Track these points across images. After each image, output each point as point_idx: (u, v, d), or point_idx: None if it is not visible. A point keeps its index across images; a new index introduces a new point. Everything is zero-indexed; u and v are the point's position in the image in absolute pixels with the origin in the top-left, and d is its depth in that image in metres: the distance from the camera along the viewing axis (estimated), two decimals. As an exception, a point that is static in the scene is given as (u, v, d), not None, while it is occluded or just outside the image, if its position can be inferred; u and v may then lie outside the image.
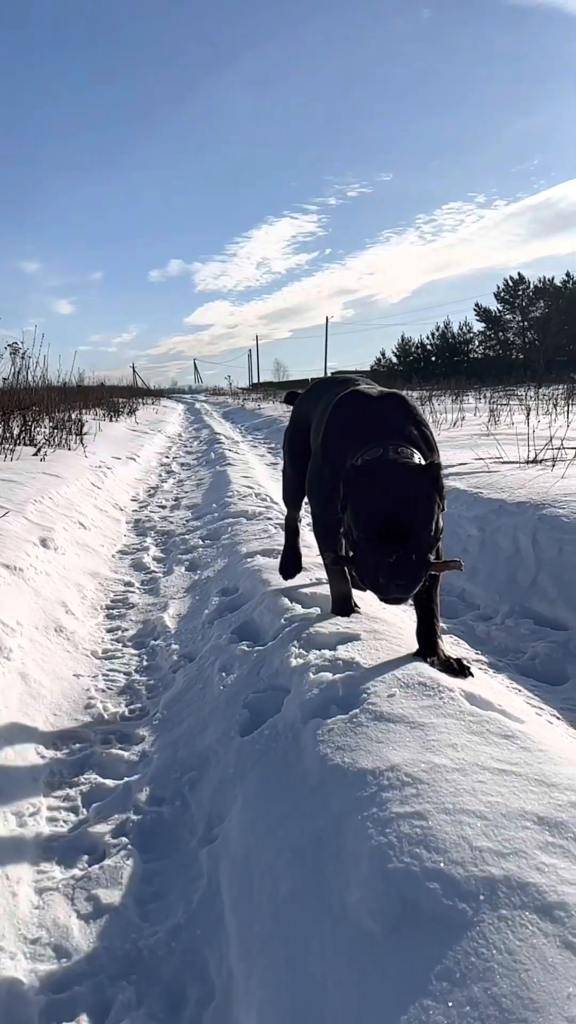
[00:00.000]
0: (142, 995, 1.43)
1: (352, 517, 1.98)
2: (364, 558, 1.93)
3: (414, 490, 1.93)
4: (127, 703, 2.85)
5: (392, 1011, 1.11)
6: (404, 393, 2.37)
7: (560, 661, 2.87)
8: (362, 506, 1.95)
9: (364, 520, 1.94)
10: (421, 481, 1.95)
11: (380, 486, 1.95)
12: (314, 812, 1.64)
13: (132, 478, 8.81)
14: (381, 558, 1.88)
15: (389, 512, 1.91)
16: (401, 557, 1.87)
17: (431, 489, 1.96)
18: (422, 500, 1.93)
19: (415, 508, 1.92)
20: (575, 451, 6.02)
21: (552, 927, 1.18)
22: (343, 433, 2.30)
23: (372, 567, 1.91)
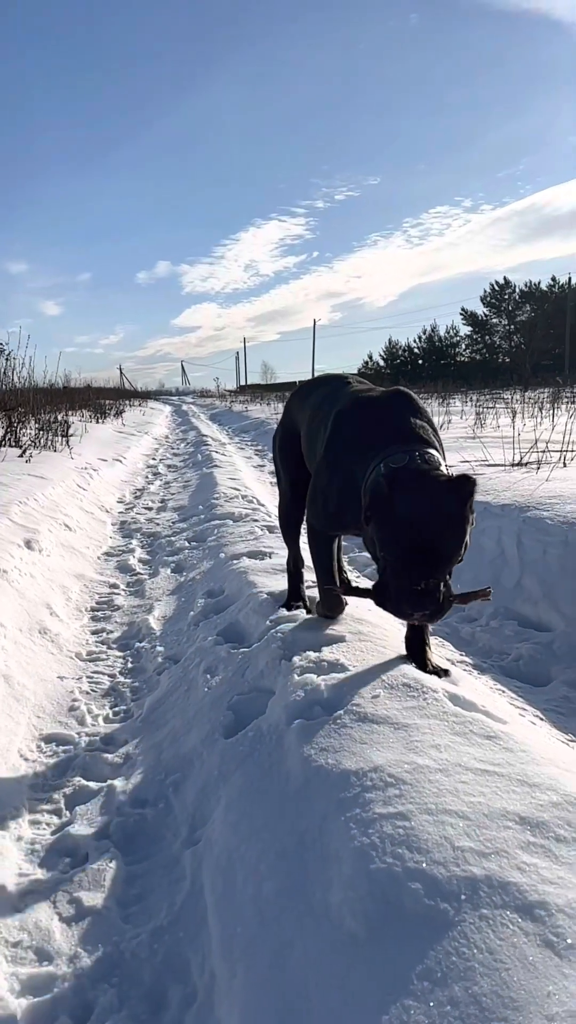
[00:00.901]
0: (124, 997, 1.42)
1: (378, 534, 1.82)
2: (387, 580, 1.79)
3: (448, 509, 1.76)
4: (111, 705, 2.84)
5: (374, 1011, 1.11)
6: (406, 389, 2.24)
7: (544, 663, 2.89)
8: (392, 525, 1.78)
9: (393, 540, 1.78)
10: (456, 498, 1.77)
11: (413, 503, 1.77)
12: (297, 813, 1.64)
13: (118, 480, 8.78)
14: (409, 583, 1.74)
15: (422, 535, 1.74)
16: (430, 584, 1.74)
17: (466, 508, 1.78)
18: (457, 522, 1.76)
19: (449, 531, 1.76)
20: (560, 454, 6.06)
21: (533, 926, 1.18)
22: (355, 437, 2.14)
23: (395, 591, 1.77)
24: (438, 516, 1.75)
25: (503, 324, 56.68)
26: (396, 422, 2.05)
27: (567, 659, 2.89)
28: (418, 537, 1.74)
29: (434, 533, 1.74)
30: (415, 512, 1.75)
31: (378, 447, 1.98)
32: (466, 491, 1.77)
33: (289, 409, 2.90)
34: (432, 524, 1.74)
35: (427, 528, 1.74)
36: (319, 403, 2.55)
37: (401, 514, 1.76)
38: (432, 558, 1.75)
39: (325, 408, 2.45)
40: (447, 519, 1.75)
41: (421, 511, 1.75)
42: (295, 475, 2.79)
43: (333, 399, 2.43)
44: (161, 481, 9.08)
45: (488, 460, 6.41)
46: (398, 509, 1.76)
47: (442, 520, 1.75)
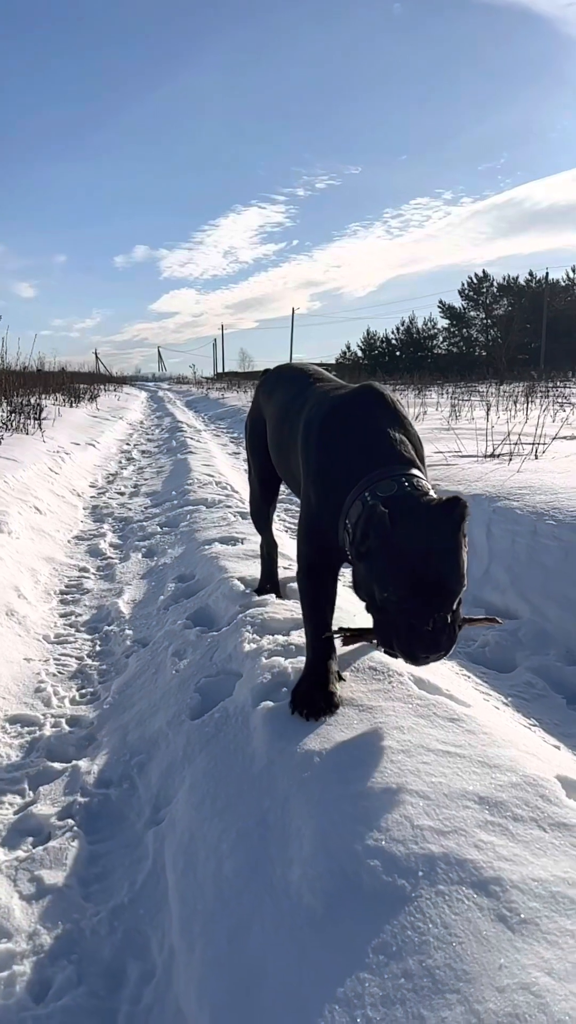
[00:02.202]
0: (83, 973, 1.42)
1: (375, 572, 1.66)
2: (393, 622, 1.65)
3: (447, 539, 1.63)
4: (78, 687, 2.83)
5: (329, 983, 1.13)
6: (376, 385, 2.07)
7: (510, 649, 2.93)
8: (392, 561, 1.63)
9: (395, 579, 1.62)
10: (451, 526, 1.64)
11: (413, 537, 1.62)
12: (261, 793, 1.65)
13: (91, 464, 8.70)
14: (417, 624, 1.61)
15: (427, 570, 1.60)
16: (439, 621, 1.62)
17: (461, 534, 1.66)
18: (456, 551, 1.64)
19: (452, 563, 1.63)
20: (532, 446, 6.12)
21: (487, 901, 1.20)
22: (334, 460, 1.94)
23: (406, 634, 1.63)
24: (440, 548, 1.61)
25: (480, 317, 57.02)
26: (374, 437, 1.89)
27: (532, 646, 2.93)
28: (423, 573, 1.59)
29: (438, 567, 1.60)
30: (416, 546, 1.61)
31: (357, 469, 1.82)
32: (459, 515, 1.64)
33: (256, 401, 2.86)
34: (435, 557, 1.60)
35: (431, 562, 1.60)
36: (286, 403, 2.42)
37: (402, 550, 1.61)
38: (440, 594, 1.61)
39: (292, 413, 2.29)
40: (448, 550, 1.62)
41: (422, 544, 1.61)
42: (264, 467, 2.74)
43: (301, 400, 2.28)
44: (135, 467, 9.02)
45: (461, 451, 6.45)
46: (398, 544, 1.61)
47: (444, 551, 1.61)
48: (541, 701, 2.53)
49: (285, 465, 2.41)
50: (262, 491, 2.89)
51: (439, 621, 1.60)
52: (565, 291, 53.76)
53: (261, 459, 2.74)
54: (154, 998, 1.36)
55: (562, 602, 3.05)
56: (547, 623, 3.04)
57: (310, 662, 1.97)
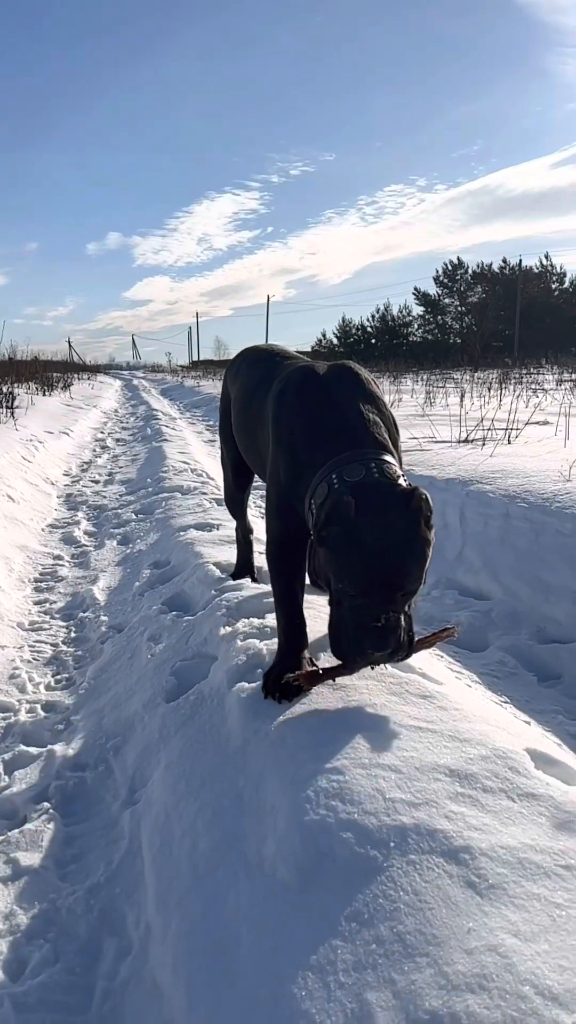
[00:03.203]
0: (60, 951, 1.44)
1: (332, 562, 1.62)
2: (344, 616, 1.62)
3: (409, 532, 1.58)
4: (53, 673, 2.82)
5: (302, 952, 1.14)
6: (352, 363, 2.03)
7: (482, 629, 2.97)
8: (348, 551, 1.58)
9: (349, 569, 1.59)
10: (415, 517, 1.59)
11: (371, 529, 1.57)
12: (235, 772, 1.67)
13: (65, 452, 8.63)
14: (366, 619, 1.57)
15: (383, 562, 1.56)
16: (391, 618, 1.58)
17: (425, 527, 1.61)
18: (418, 546, 1.59)
19: (412, 556, 1.58)
20: (505, 432, 6.18)
21: (457, 869, 1.23)
22: (300, 424, 1.90)
23: (353, 628, 1.60)
24: (399, 540, 1.57)
25: (455, 305, 57.19)
26: (348, 416, 1.83)
27: (504, 626, 2.97)
28: (379, 568, 1.55)
29: (395, 560, 1.56)
30: (376, 539, 1.56)
31: (328, 448, 1.76)
32: (423, 507, 1.60)
33: (225, 386, 2.84)
34: (393, 550, 1.56)
35: (388, 555, 1.56)
36: (254, 382, 2.36)
37: (361, 542, 1.57)
38: (394, 590, 1.57)
39: (261, 390, 2.22)
40: (409, 543, 1.58)
41: (382, 538, 1.56)
42: (236, 453, 2.73)
43: (270, 378, 2.20)
44: (109, 454, 8.96)
45: (436, 437, 6.49)
46: (358, 536, 1.57)
47: (403, 548, 1.57)
48: (512, 679, 2.58)
49: (251, 446, 2.37)
50: (236, 477, 2.88)
51: (391, 619, 1.57)
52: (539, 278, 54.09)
53: (234, 445, 2.73)
54: (130, 973, 1.37)
55: (533, 582, 3.10)
56: (519, 603, 3.09)
57: (282, 647, 1.94)
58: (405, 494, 1.61)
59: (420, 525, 1.60)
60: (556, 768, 1.60)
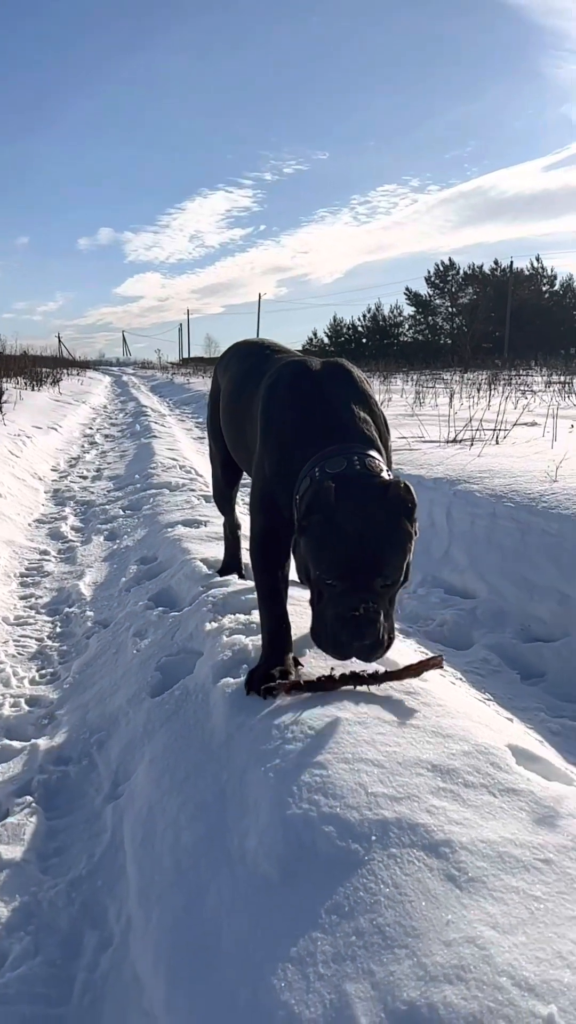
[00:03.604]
0: (40, 944, 1.44)
1: (311, 550, 1.62)
2: (324, 609, 1.61)
3: (390, 523, 1.58)
4: (38, 668, 2.82)
5: (283, 944, 1.15)
6: (345, 361, 2.03)
7: (466, 628, 2.98)
8: (326, 540, 1.58)
9: (328, 558, 1.58)
10: (396, 508, 1.60)
11: (351, 518, 1.57)
12: (219, 767, 1.67)
13: (53, 448, 8.60)
14: (345, 608, 1.56)
15: (362, 551, 1.55)
16: (369, 610, 1.56)
17: (407, 519, 1.61)
18: (397, 534, 1.59)
19: (390, 545, 1.58)
20: (493, 432, 6.21)
21: (437, 862, 1.24)
22: (289, 417, 1.89)
23: (332, 620, 1.58)
24: (378, 527, 1.57)
25: (446, 306, 57.37)
26: (337, 412, 1.82)
27: (489, 624, 2.99)
28: (358, 556, 1.55)
29: (373, 546, 1.56)
30: (355, 528, 1.56)
31: (316, 443, 1.75)
32: (405, 498, 1.60)
33: (215, 381, 2.82)
34: (371, 536, 1.56)
35: (366, 541, 1.55)
36: (243, 374, 2.35)
37: (340, 529, 1.56)
38: (372, 579, 1.56)
39: (250, 383, 2.22)
40: (387, 531, 1.58)
41: (360, 522, 1.56)
42: (225, 450, 2.71)
43: (260, 371, 2.19)
44: (98, 450, 8.94)
45: (425, 437, 6.52)
46: (337, 523, 1.57)
47: (382, 532, 1.57)
48: (496, 677, 2.59)
49: (240, 440, 2.36)
50: (224, 473, 2.88)
51: (370, 609, 1.55)
52: (530, 280, 54.34)
53: (222, 441, 2.72)
54: (111, 965, 1.37)
55: (518, 581, 3.12)
56: (504, 602, 3.11)
57: (266, 645, 1.92)
58: (385, 485, 1.62)
59: (400, 515, 1.60)
60: (537, 764, 1.62)
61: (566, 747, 2.17)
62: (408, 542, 1.62)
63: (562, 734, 2.24)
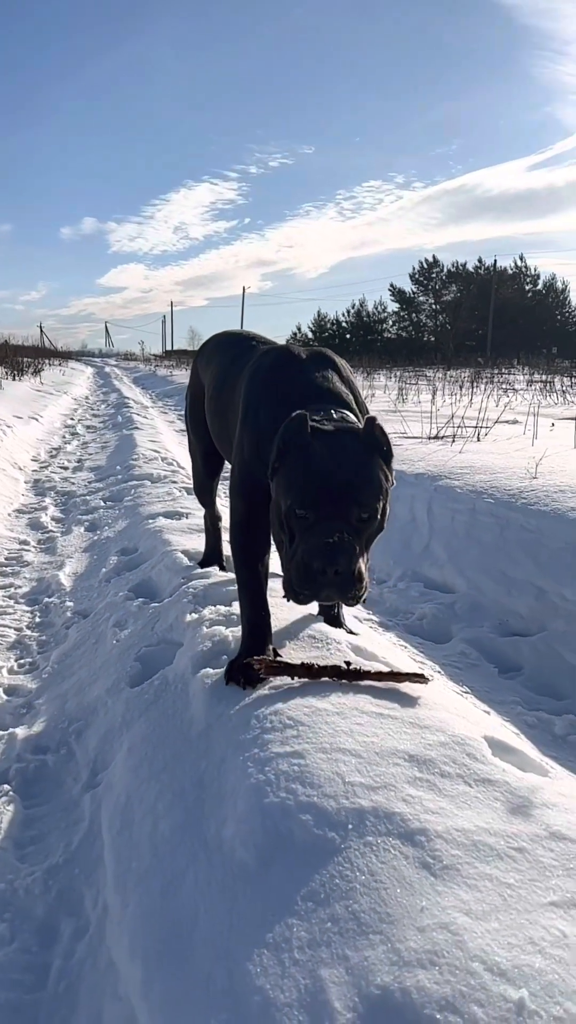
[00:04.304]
0: (16, 931, 1.44)
1: (283, 484, 1.59)
2: (296, 548, 1.55)
3: (365, 456, 1.57)
4: (17, 658, 2.80)
5: (258, 930, 1.16)
6: (330, 351, 2.02)
7: (445, 621, 3.01)
8: (298, 472, 1.56)
9: (299, 485, 1.54)
10: (371, 446, 1.59)
11: (324, 448, 1.56)
12: (198, 756, 1.67)
13: (33, 438, 8.53)
14: (317, 539, 1.50)
15: (333, 481, 1.52)
16: (344, 539, 1.50)
17: (380, 456, 1.60)
18: (371, 468, 1.58)
19: (363, 479, 1.55)
20: (474, 429, 6.25)
21: (413, 850, 1.25)
22: (268, 396, 1.88)
23: (303, 553, 1.52)
24: (351, 459, 1.56)
25: (430, 303, 57.53)
26: (314, 380, 1.83)
27: (467, 619, 3.01)
28: (330, 483, 1.53)
29: (346, 476, 1.54)
30: (326, 455, 1.55)
31: (289, 407, 1.72)
32: (378, 437, 1.60)
33: (195, 372, 2.79)
34: (344, 467, 1.54)
35: (339, 471, 1.53)
36: (227, 366, 2.34)
37: (312, 457, 1.55)
38: (345, 506, 1.52)
39: (233, 374, 2.21)
40: (361, 464, 1.57)
41: (333, 454, 1.55)
42: (206, 440, 2.70)
43: (244, 360, 2.19)
44: (79, 441, 8.88)
45: (407, 433, 6.54)
46: (310, 452, 1.56)
47: (355, 464, 1.56)
48: (474, 670, 2.62)
49: (224, 431, 2.34)
50: (205, 465, 2.86)
51: (344, 540, 1.49)
52: (512, 279, 54.64)
53: (203, 432, 2.70)
54: (87, 952, 1.38)
55: (497, 576, 3.15)
56: (482, 596, 3.13)
57: (246, 634, 1.91)
58: (365, 422, 1.62)
59: (374, 453, 1.60)
60: (512, 755, 1.64)
61: (541, 739, 2.20)
62: (382, 478, 1.60)
63: (537, 727, 2.27)
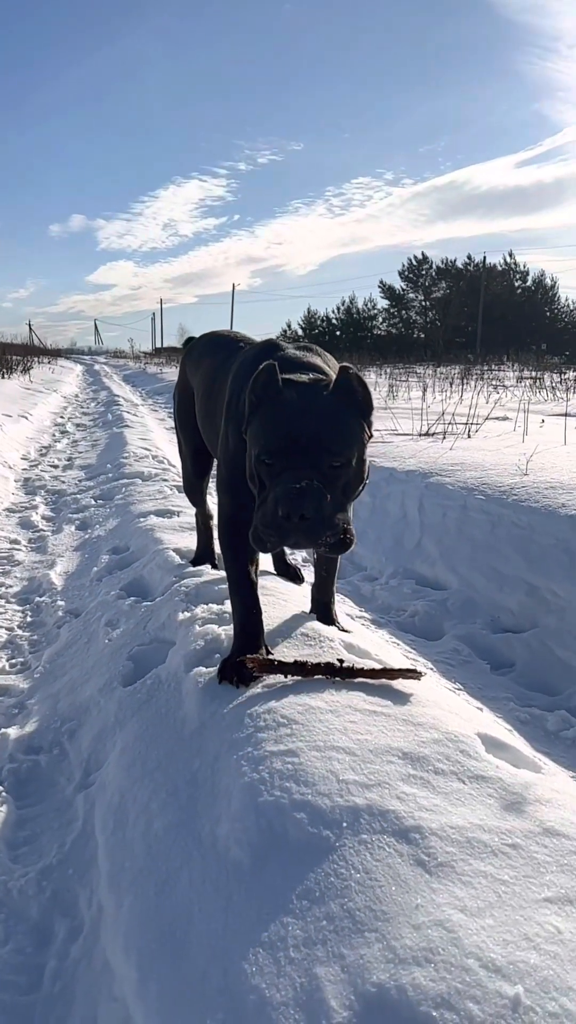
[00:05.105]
0: (10, 932, 1.43)
1: (253, 434, 1.58)
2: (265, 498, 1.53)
3: (337, 403, 1.55)
4: (8, 657, 2.79)
5: (253, 929, 1.16)
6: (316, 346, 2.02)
7: (437, 618, 3.01)
8: (267, 421, 1.54)
9: (267, 432, 1.52)
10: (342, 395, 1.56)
11: (294, 396, 1.55)
12: (191, 754, 1.67)
13: (23, 436, 8.49)
14: (284, 485, 1.46)
15: (301, 427, 1.50)
16: (313, 486, 1.46)
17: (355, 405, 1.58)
18: (345, 416, 1.55)
19: (334, 426, 1.52)
20: (465, 426, 6.26)
21: (407, 848, 1.25)
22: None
23: (271, 501, 1.48)
24: (322, 407, 1.53)
25: (419, 300, 57.56)
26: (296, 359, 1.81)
27: (459, 615, 3.02)
28: (298, 429, 1.50)
29: (316, 424, 1.51)
30: (296, 402, 1.53)
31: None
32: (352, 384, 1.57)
33: (183, 372, 2.78)
34: (314, 414, 1.51)
35: (308, 417, 1.51)
36: (216, 368, 2.33)
37: (281, 404, 1.53)
38: (312, 452, 1.48)
39: (222, 375, 2.19)
40: (336, 412, 1.54)
41: (303, 401, 1.54)
42: (195, 440, 2.68)
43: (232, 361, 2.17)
44: (69, 439, 8.85)
45: (397, 430, 6.55)
46: (279, 399, 1.54)
47: (326, 411, 1.53)
48: (466, 667, 2.63)
49: (214, 433, 2.32)
50: (194, 465, 2.84)
51: (313, 487, 1.46)
52: (502, 276, 54.72)
53: (192, 432, 2.69)
54: (82, 952, 1.37)
55: (489, 573, 3.16)
56: (474, 593, 3.14)
57: (238, 632, 1.89)
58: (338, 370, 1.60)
59: (349, 402, 1.58)
60: (506, 752, 1.64)
61: (534, 735, 2.21)
62: (359, 428, 1.57)
63: (530, 723, 2.28)
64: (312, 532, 1.47)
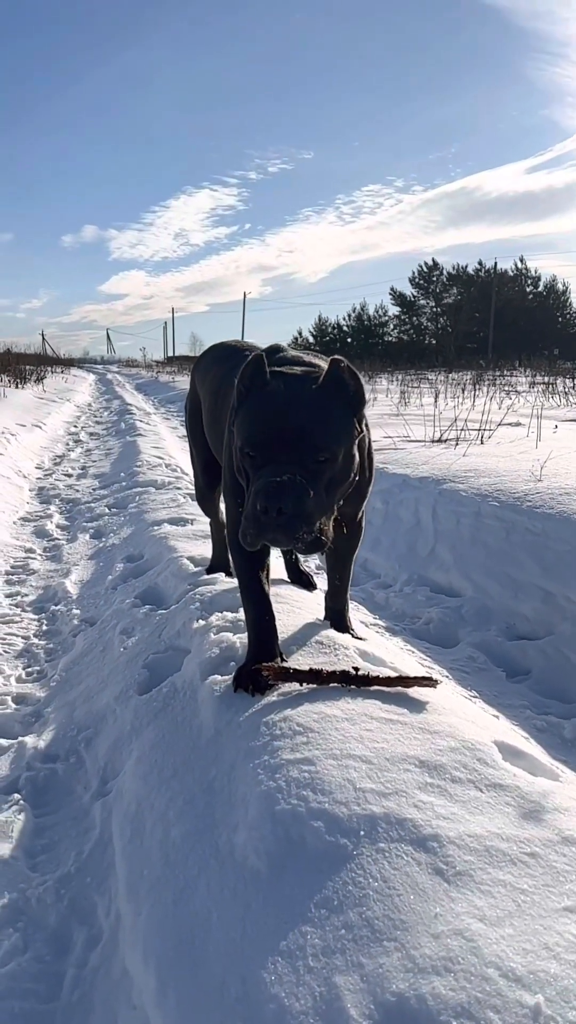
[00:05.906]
0: (29, 940, 1.44)
1: (239, 425, 1.55)
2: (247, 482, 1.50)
3: (323, 397, 1.50)
4: (25, 666, 2.80)
5: (272, 938, 1.16)
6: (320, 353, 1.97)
7: (452, 626, 3.00)
8: (252, 407, 1.51)
9: (251, 424, 1.49)
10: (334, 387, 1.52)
11: (280, 388, 1.51)
12: (208, 763, 1.68)
13: (37, 446, 8.55)
14: (264, 479, 1.43)
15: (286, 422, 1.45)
16: (295, 481, 1.42)
17: (346, 399, 1.53)
18: (331, 410, 1.50)
19: (321, 418, 1.48)
20: (478, 432, 6.25)
21: (425, 856, 1.25)
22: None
23: (253, 495, 1.45)
24: (310, 401, 1.49)
25: (430, 306, 57.54)
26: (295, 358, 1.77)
27: (474, 623, 3.01)
28: (283, 423, 1.46)
29: (303, 420, 1.47)
30: (281, 395, 1.50)
31: None
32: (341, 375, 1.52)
33: (193, 384, 2.79)
34: (301, 409, 1.47)
35: (292, 412, 1.47)
36: (222, 378, 2.33)
37: (266, 399, 1.50)
38: (293, 446, 1.44)
39: (227, 384, 2.18)
40: (321, 406, 1.50)
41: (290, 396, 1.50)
42: (205, 451, 2.69)
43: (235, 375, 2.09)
44: (82, 448, 8.90)
45: (410, 436, 6.54)
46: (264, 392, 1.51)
47: (311, 405, 1.49)
48: (481, 674, 2.61)
49: (221, 442, 2.30)
50: (205, 476, 2.83)
51: (293, 482, 1.42)
52: (513, 281, 54.64)
53: (202, 444, 2.69)
54: (100, 960, 1.38)
55: (503, 580, 3.14)
56: (489, 600, 3.13)
57: (252, 640, 1.88)
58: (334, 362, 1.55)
59: (339, 396, 1.53)
60: (523, 760, 1.64)
61: (551, 743, 2.19)
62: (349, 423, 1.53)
63: (547, 731, 2.27)
64: (288, 528, 1.43)
